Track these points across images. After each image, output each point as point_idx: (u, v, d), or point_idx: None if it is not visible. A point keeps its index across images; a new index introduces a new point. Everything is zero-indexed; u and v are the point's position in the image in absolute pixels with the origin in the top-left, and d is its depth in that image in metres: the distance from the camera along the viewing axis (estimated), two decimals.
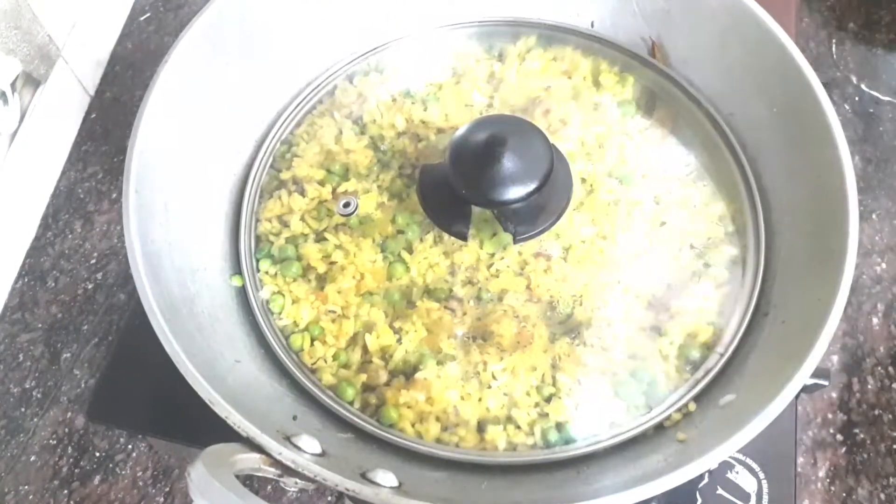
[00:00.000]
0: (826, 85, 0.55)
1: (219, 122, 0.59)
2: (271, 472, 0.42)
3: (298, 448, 0.43)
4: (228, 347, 0.51)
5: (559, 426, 0.52)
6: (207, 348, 0.49)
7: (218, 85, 0.58)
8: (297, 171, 0.61)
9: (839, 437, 0.65)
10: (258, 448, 0.41)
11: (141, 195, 0.50)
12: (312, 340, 0.56)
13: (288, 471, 0.42)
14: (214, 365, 0.47)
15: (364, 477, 0.43)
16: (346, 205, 0.58)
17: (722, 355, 0.53)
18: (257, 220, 0.60)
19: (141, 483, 0.64)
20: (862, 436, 0.65)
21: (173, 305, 0.48)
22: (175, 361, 0.44)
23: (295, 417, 0.48)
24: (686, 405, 0.52)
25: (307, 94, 0.65)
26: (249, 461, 0.41)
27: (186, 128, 0.56)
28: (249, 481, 0.60)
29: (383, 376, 0.54)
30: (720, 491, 0.56)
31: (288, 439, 0.43)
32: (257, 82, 0.61)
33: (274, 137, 0.63)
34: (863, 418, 0.65)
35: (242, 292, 0.57)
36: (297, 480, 0.42)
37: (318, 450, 0.44)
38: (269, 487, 0.61)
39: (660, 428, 0.51)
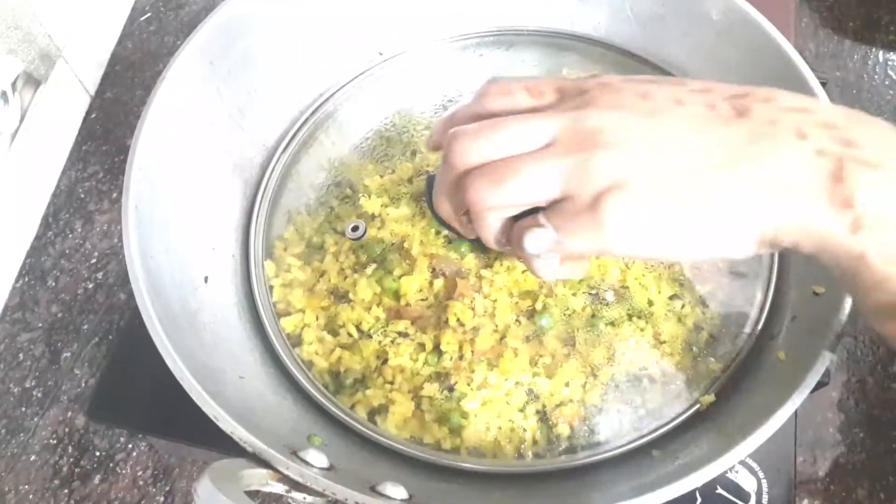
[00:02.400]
0: (825, 85, 0.55)
1: (221, 136, 0.58)
2: (279, 487, 0.41)
3: (306, 462, 0.42)
4: (231, 363, 0.51)
5: (571, 435, 0.52)
6: (211, 364, 0.48)
7: (219, 97, 0.58)
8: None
9: (839, 436, 0.65)
10: (264, 463, 0.41)
11: (141, 211, 0.49)
12: (326, 365, 0.56)
13: (296, 486, 0.41)
14: (218, 380, 0.47)
15: (374, 490, 0.42)
16: (355, 228, 0.58)
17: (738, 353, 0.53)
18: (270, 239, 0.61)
19: (141, 482, 0.64)
20: (861, 435, 0.65)
21: (175, 321, 0.48)
22: (179, 378, 0.44)
23: (310, 438, 0.48)
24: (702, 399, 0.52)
25: (314, 107, 0.66)
26: (256, 476, 0.41)
27: (187, 142, 0.55)
28: (252, 497, 0.60)
29: (397, 396, 0.54)
30: (720, 490, 0.56)
31: (295, 454, 0.43)
32: (260, 94, 0.61)
33: (281, 152, 0.64)
34: (862, 418, 0.65)
35: (244, 308, 0.57)
36: (306, 496, 0.41)
37: (326, 464, 0.43)
38: None
39: (674, 432, 0.51)
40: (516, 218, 0.37)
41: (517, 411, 0.54)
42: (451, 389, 0.53)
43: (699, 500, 0.55)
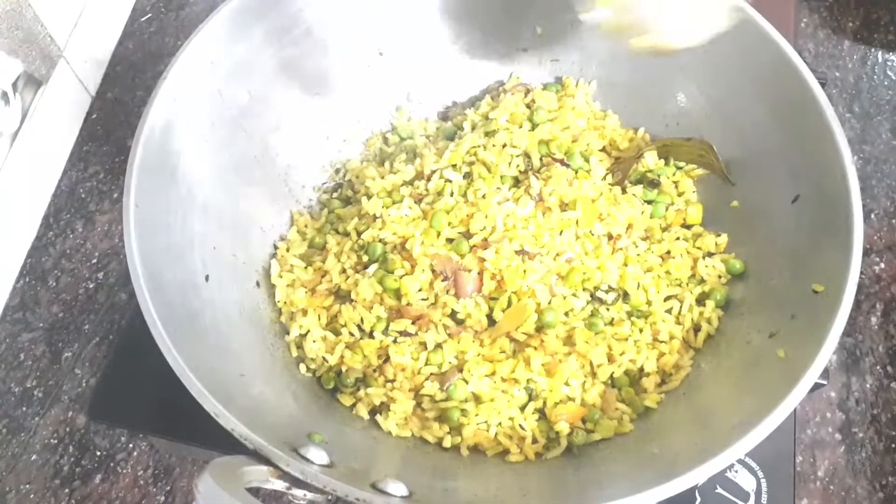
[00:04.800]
0: (825, 85, 0.56)
1: (221, 136, 0.58)
2: (280, 484, 0.41)
3: (306, 459, 0.43)
4: (232, 361, 0.51)
5: (571, 433, 0.53)
6: (212, 362, 0.49)
7: (220, 97, 0.58)
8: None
9: (838, 436, 0.65)
10: (265, 460, 0.41)
11: (141, 211, 0.49)
12: (328, 364, 0.56)
13: (296, 482, 0.41)
14: (218, 378, 0.47)
15: (375, 487, 0.43)
16: None
17: None
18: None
19: (142, 482, 0.64)
20: (860, 435, 0.65)
21: (176, 320, 0.48)
22: (179, 375, 0.44)
23: (310, 435, 0.48)
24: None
25: (313, 107, 0.66)
26: (257, 473, 0.41)
27: (187, 143, 0.55)
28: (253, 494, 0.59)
29: (398, 394, 0.54)
30: (719, 490, 0.56)
31: (295, 451, 0.43)
32: (260, 95, 0.61)
33: (282, 153, 0.64)
34: (861, 417, 0.66)
35: (245, 307, 0.57)
36: (307, 492, 0.42)
37: (327, 461, 0.43)
38: None
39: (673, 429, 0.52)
40: None
41: (517, 410, 0.54)
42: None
43: (699, 499, 0.55)
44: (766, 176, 0.58)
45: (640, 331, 0.57)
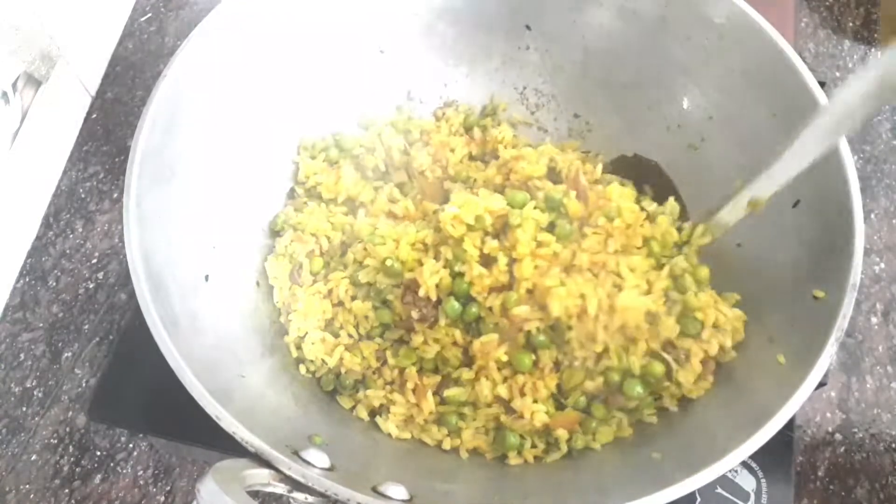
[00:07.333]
0: (824, 85, 0.56)
1: (221, 136, 0.58)
2: (281, 487, 0.42)
3: (307, 462, 0.43)
4: (233, 363, 0.52)
5: (570, 439, 0.53)
6: (212, 363, 0.49)
7: (220, 97, 0.58)
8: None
9: (838, 436, 0.65)
10: (266, 463, 0.41)
11: (142, 211, 0.49)
12: (327, 366, 0.56)
13: (298, 486, 0.41)
14: (219, 380, 0.47)
15: (375, 490, 0.43)
16: None
17: None
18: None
19: (142, 482, 0.64)
20: (860, 435, 0.65)
21: (176, 321, 0.48)
22: (180, 377, 0.44)
23: (311, 437, 0.48)
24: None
25: (313, 106, 0.66)
26: (258, 477, 0.41)
27: (187, 142, 0.55)
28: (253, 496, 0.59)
29: (398, 397, 0.54)
30: (719, 490, 0.56)
31: (296, 453, 0.43)
32: (261, 94, 0.61)
33: (281, 152, 0.64)
34: (861, 417, 0.66)
35: (245, 308, 0.57)
36: (308, 496, 0.42)
37: (327, 463, 0.44)
38: None
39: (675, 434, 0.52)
40: None
41: (522, 419, 0.54)
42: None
43: (699, 499, 0.55)
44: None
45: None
